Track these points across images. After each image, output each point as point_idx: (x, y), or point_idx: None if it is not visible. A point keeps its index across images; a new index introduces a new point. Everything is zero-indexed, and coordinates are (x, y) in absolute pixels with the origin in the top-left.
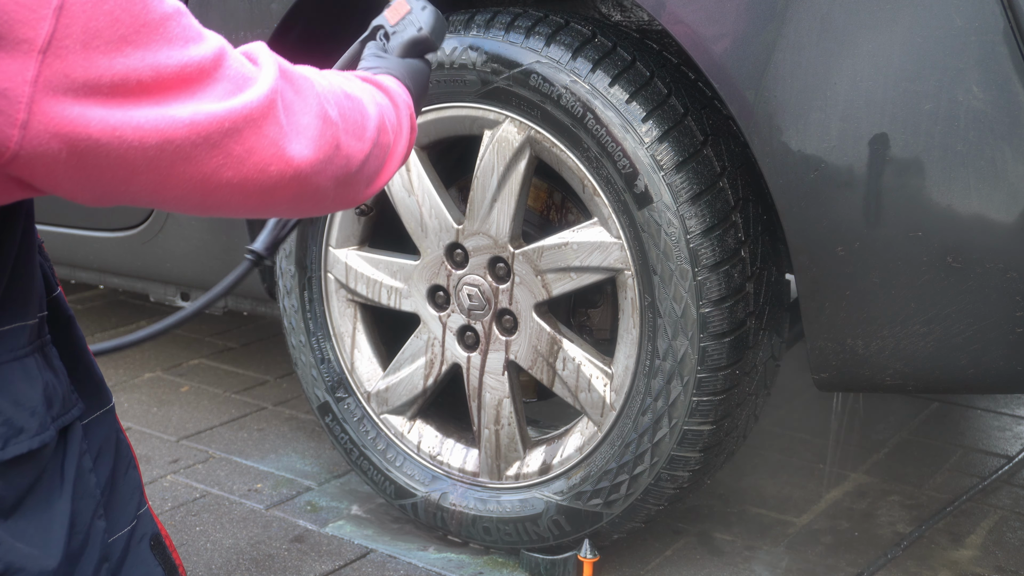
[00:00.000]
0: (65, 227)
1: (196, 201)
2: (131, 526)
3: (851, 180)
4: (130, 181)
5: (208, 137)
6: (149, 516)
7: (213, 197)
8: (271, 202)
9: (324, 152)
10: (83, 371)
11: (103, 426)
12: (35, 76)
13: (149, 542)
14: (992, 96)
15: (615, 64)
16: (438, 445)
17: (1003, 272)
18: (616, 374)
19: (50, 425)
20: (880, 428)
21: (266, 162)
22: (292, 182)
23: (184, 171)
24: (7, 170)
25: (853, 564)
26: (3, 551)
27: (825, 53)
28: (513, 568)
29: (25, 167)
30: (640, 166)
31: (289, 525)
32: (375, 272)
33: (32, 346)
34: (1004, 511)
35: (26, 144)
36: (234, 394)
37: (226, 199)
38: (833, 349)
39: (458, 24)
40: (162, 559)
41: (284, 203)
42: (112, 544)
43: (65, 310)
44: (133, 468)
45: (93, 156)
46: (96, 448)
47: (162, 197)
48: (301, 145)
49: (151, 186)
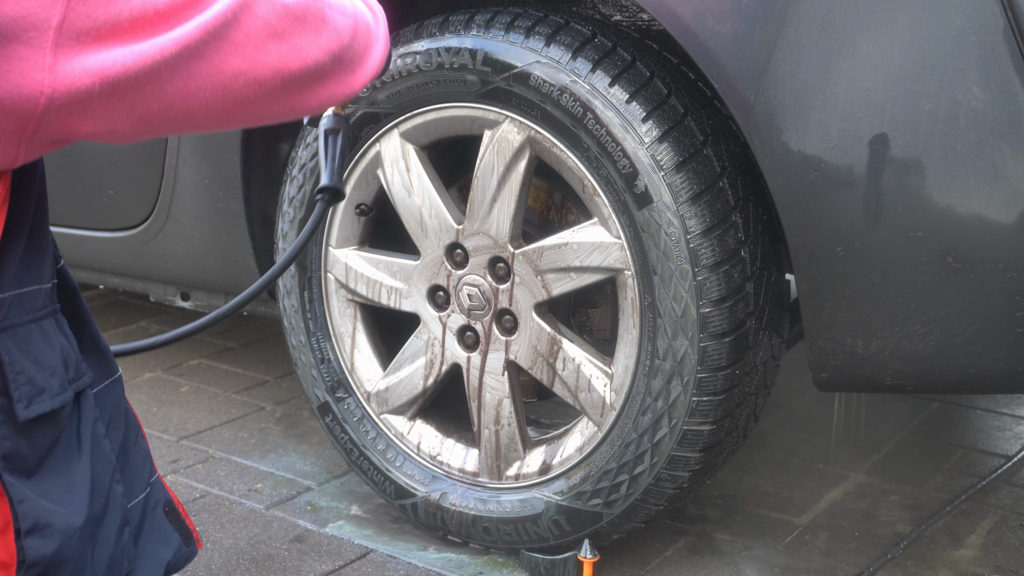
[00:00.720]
0: (65, 227)
1: (220, 104)
2: (145, 493)
3: (851, 180)
4: (161, 97)
5: (215, 32)
6: (161, 484)
7: (232, 92)
8: (280, 88)
9: (313, 24)
10: (89, 341)
11: (112, 395)
12: (60, 21)
13: (164, 508)
14: (992, 96)
15: (615, 64)
16: (438, 445)
17: (1003, 272)
18: (616, 374)
19: (68, 387)
20: (880, 428)
21: (263, 42)
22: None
23: (200, 70)
24: (44, 123)
25: (853, 564)
26: (31, 508)
27: (825, 53)
28: (513, 568)
29: (61, 112)
30: (640, 166)
31: (289, 525)
32: (375, 272)
33: (47, 310)
34: (1004, 511)
35: (59, 87)
36: (234, 394)
37: (243, 92)
38: (833, 349)
39: (458, 24)
40: (177, 525)
41: (291, 87)
42: (131, 510)
43: (70, 281)
44: (141, 438)
45: (124, 83)
46: (107, 416)
47: (191, 108)
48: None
49: (181, 98)
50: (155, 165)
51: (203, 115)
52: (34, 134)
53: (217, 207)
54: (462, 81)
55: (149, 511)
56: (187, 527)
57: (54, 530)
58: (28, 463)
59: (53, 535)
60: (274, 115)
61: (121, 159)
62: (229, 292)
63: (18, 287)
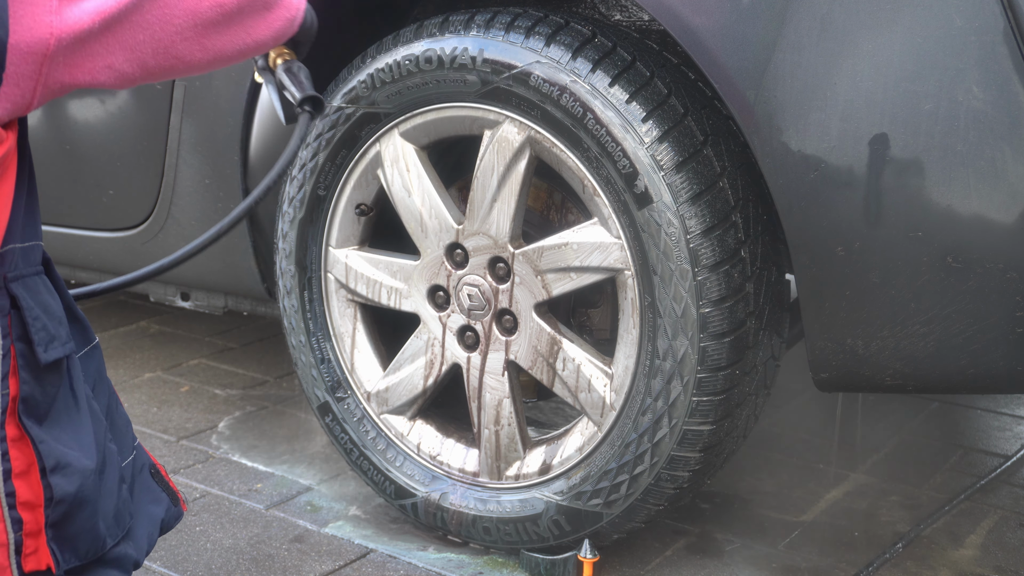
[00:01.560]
0: (65, 227)
1: (191, 29)
2: (132, 455)
3: (851, 180)
4: (144, 26)
5: None
6: (143, 450)
7: (200, 15)
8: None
9: None
10: (67, 309)
11: (93, 360)
12: None
13: (149, 471)
14: (992, 96)
15: (615, 64)
16: (438, 445)
17: (1003, 272)
18: (616, 374)
19: (70, 338)
20: (880, 428)
21: None
22: None
23: (180, 3)
24: (54, 66)
25: (853, 564)
26: (51, 448)
27: (825, 53)
28: (513, 568)
29: (67, 51)
30: (640, 166)
31: (289, 525)
32: (375, 272)
33: (41, 267)
34: (1004, 511)
35: (65, 29)
36: (234, 394)
37: (208, 16)
38: (833, 349)
39: (458, 24)
40: (164, 487)
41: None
42: (124, 468)
43: (44, 252)
44: (120, 406)
45: (116, 18)
46: (91, 380)
47: (170, 35)
48: None
49: (160, 24)
50: (155, 165)
51: (181, 43)
52: (48, 77)
53: (217, 207)
54: (462, 81)
55: (138, 473)
56: (172, 490)
57: (74, 470)
58: (41, 409)
59: (74, 474)
60: (240, 42)
61: (121, 159)
62: (229, 292)
63: (23, 240)
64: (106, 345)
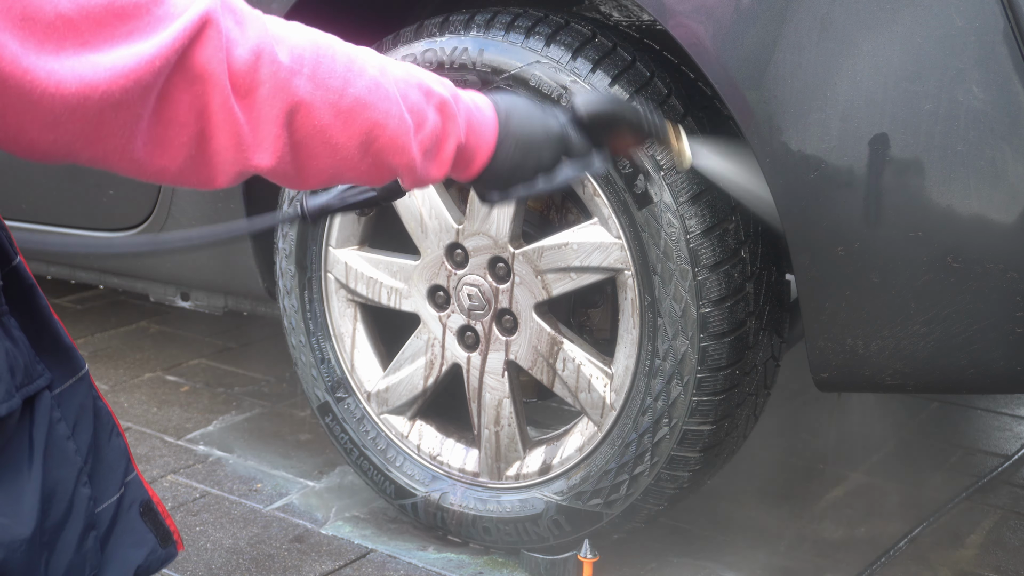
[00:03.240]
0: (65, 227)
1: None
2: (119, 494)
3: (851, 180)
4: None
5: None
6: (138, 482)
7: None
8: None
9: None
10: (50, 340)
11: (77, 394)
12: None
13: (139, 508)
14: (992, 96)
15: (615, 64)
16: (438, 445)
17: (1003, 272)
18: (616, 374)
19: (15, 393)
20: (880, 428)
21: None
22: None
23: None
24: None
25: (853, 564)
26: None
27: (825, 53)
28: (513, 568)
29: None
30: (640, 166)
31: (289, 525)
32: (375, 272)
33: (7, 305)
34: (1004, 511)
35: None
36: (234, 394)
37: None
38: (833, 349)
39: (458, 24)
40: (153, 525)
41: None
42: (100, 513)
43: (25, 279)
44: (117, 435)
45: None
46: (72, 416)
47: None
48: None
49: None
50: None
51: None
52: None
53: (217, 207)
54: (462, 81)
55: (123, 512)
56: (165, 527)
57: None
58: None
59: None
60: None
61: None
62: (229, 292)
63: None
64: (106, 345)
